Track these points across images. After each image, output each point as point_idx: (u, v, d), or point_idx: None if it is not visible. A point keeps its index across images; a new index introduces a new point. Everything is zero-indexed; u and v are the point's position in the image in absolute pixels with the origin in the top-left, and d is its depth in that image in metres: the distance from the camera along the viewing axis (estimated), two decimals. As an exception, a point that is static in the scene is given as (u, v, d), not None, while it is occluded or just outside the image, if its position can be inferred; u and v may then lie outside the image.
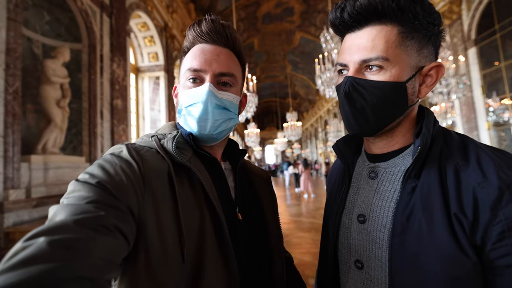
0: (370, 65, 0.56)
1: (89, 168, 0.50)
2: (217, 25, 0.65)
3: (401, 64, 0.55)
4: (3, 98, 2.98)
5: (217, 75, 0.64)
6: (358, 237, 0.63)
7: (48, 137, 3.67)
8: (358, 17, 0.57)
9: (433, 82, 0.59)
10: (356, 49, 0.57)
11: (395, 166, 0.61)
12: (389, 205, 0.58)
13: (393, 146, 0.63)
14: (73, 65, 4.19)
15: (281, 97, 26.07)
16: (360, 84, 0.57)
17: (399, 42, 0.55)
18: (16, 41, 3.18)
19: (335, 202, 0.72)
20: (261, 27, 13.08)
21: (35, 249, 0.33)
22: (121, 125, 5.11)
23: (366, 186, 0.65)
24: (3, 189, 2.94)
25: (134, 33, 6.72)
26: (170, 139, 0.59)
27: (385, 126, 0.59)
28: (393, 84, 0.55)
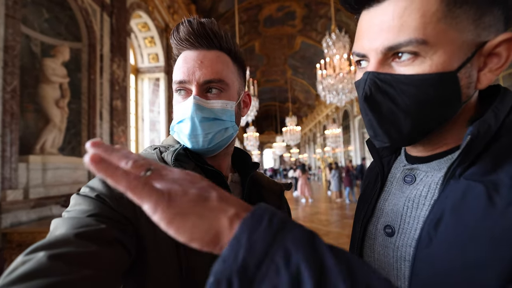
0: (400, 52, 0.40)
1: (91, 181, 0.51)
2: (196, 26, 0.58)
3: (448, 45, 0.38)
4: (0, 97, 2.91)
5: (202, 83, 0.58)
6: (384, 252, 0.50)
7: (47, 137, 3.60)
8: None
9: (502, 64, 0.40)
10: (378, 31, 0.41)
11: (440, 170, 0.45)
12: (419, 214, 0.45)
13: (439, 148, 0.47)
14: (73, 65, 4.13)
15: (281, 102, 26.13)
16: (386, 81, 0.41)
17: (443, 14, 0.37)
18: (14, 38, 3.12)
19: (362, 208, 0.59)
20: (262, 30, 13.12)
21: (35, 264, 0.33)
22: (120, 126, 5.04)
23: (397, 192, 0.52)
24: (0, 189, 2.86)
25: (135, 33, 6.69)
26: (171, 152, 0.57)
27: (426, 134, 0.44)
28: (436, 76, 0.38)
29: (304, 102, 24.79)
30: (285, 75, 19.58)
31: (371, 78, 0.43)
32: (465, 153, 0.39)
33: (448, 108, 0.41)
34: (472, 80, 0.41)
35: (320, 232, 5.65)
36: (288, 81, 20.37)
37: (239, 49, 0.66)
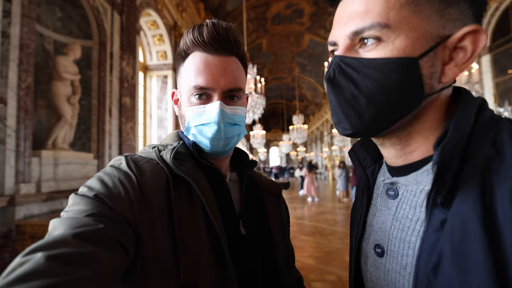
0: (365, 38, 0.40)
1: (89, 181, 0.50)
2: (220, 31, 0.59)
3: (410, 31, 0.38)
4: (16, 94, 3.01)
5: (226, 91, 0.60)
6: (376, 274, 0.48)
7: (58, 133, 3.70)
8: None
9: (468, 58, 0.39)
10: (346, 19, 0.41)
11: (418, 184, 0.44)
12: (409, 240, 0.42)
13: (411, 154, 0.45)
14: (84, 62, 4.22)
15: (288, 99, 26.01)
16: (350, 65, 0.41)
17: (406, 0, 0.38)
18: (29, 37, 3.21)
19: (354, 222, 0.56)
20: (270, 28, 13.08)
21: (32, 265, 0.33)
22: (129, 123, 5.13)
23: (383, 208, 0.49)
24: (14, 182, 2.96)
25: (144, 31, 6.77)
26: (169, 151, 0.57)
27: (389, 124, 0.42)
28: (396, 60, 0.38)
29: (311, 100, 24.64)
30: (293, 73, 19.50)
31: (337, 61, 0.43)
32: (437, 183, 0.37)
33: (409, 95, 0.40)
34: (436, 70, 0.39)
35: (326, 231, 5.66)
36: (296, 79, 20.28)
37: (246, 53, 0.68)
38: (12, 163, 2.94)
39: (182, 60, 0.63)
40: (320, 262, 3.91)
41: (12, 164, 2.94)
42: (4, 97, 2.89)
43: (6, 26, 2.95)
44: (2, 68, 2.89)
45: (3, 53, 2.91)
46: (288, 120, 25.85)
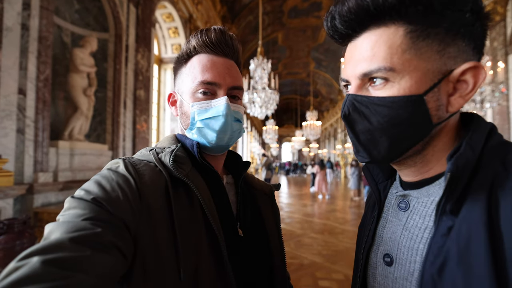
0: (374, 78, 0.45)
1: (86, 184, 0.49)
2: (226, 37, 0.65)
3: (414, 72, 0.42)
4: (34, 85, 3.10)
5: (230, 88, 0.64)
6: (384, 283, 0.51)
7: (75, 124, 3.80)
8: (351, 23, 0.46)
9: (471, 90, 0.43)
10: (356, 61, 0.47)
11: (429, 196, 0.47)
12: (417, 247, 0.46)
13: (427, 173, 0.49)
14: (100, 55, 4.29)
15: (302, 95, 25.74)
16: (362, 103, 0.46)
17: (407, 46, 0.42)
18: (48, 29, 3.28)
19: (364, 235, 0.60)
20: (286, 21, 12.87)
21: (28, 270, 0.32)
22: (143, 115, 5.21)
23: (394, 219, 0.53)
24: (33, 171, 3.08)
25: (159, 24, 6.80)
26: (168, 153, 0.57)
27: (403, 153, 0.47)
28: (403, 99, 0.42)
29: (326, 96, 24.26)
30: (308, 68, 19.20)
31: (350, 99, 0.48)
32: (449, 190, 0.40)
33: (419, 128, 0.44)
34: (441, 103, 0.43)
35: (335, 230, 5.60)
36: (311, 74, 19.98)
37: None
38: (31, 152, 3.05)
39: (184, 62, 0.66)
40: (328, 261, 3.87)
41: (31, 154, 3.05)
42: (24, 89, 2.98)
43: (25, 19, 3.03)
44: (21, 60, 2.97)
45: (23, 45, 2.99)
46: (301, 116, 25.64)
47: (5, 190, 2.61)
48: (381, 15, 0.43)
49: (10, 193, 2.69)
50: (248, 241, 0.63)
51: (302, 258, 4.02)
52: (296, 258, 4.00)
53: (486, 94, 5.30)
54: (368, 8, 0.43)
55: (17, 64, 2.93)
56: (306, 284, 3.20)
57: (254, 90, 6.21)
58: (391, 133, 0.45)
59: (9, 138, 2.81)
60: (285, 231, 5.50)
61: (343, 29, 0.48)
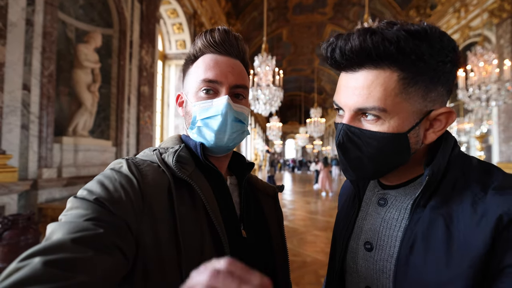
0: (367, 113, 0.52)
1: (89, 184, 0.50)
2: (231, 36, 0.65)
3: (401, 113, 0.50)
4: (39, 81, 3.10)
5: (233, 87, 0.63)
6: (365, 265, 0.60)
7: (79, 120, 3.81)
8: (351, 61, 0.50)
9: (442, 128, 0.53)
10: (351, 93, 0.52)
11: (406, 195, 0.58)
12: (396, 234, 0.56)
13: (403, 179, 0.60)
14: (104, 51, 4.28)
15: (306, 92, 25.57)
16: (355, 134, 0.53)
17: (399, 90, 0.48)
18: (52, 25, 3.27)
19: (343, 227, 0.68)
20: (291, 17, 12.75)
21: (29, 270, 0.32)
22: (146, 111, 5.21)
23: (374, 213, 0.63)
24: (37, 167, 3.09)
25: (163, 20, 6.77)
26: (171, 153, 0.58)
27: (385, 173, 0.58)
28: (391, 135, 0.50)
29: (330, 93, 24.10)
30: (312, 65, 19.05)
31: (344, 129, 0.54)
32: (425, 189, 0.51)
33: (400, 157, 0.54)
34: (419, 138, 0.53)
35: (338, 227, 5.57)
36: (315, 70, 19.83)
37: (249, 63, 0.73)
38: (35, 148, 3.06)
39: (191, 63, 0.67)
40: (332, 260, 3.86)
41: (35, 150, 3.06)
42: (28, 84, 2.98)
43: (30, 14, 3.02)
44: (26, 56, 2.97)
45: (27, 41, 2.99)
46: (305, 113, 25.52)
47: (9, 186, 2.62)
48: (379, 60, 0.48)
49: (15, 189, 2.70)
50: (251, 242, 0.63)
51: (305, 256, 4.01)
52: (299, 256, 4.00)
53: (492, 93, 5.19)
54: (370, 52, 0.47)
55: (22, 60, 2.93)
56: (309, 282, 3.20)
57: (258, 87, 6.16)
58: (377, 161, 0.54)
59: (13, 134, 2.82)
60: (288, 228, 5.50)
61: (341, 62, 0.52)
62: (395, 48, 0.46)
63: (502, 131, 6.70)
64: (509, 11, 6.56)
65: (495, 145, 7.09)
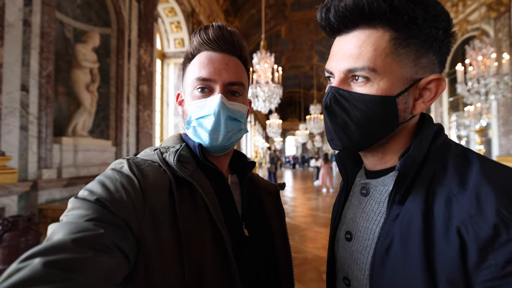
0: (356, 76, 0.50)
1: (90, 184, 0.49)
2: (225, 32, 0.64)
3: (391, 75, 0.48)
4: (37, 81, 3.09)
5: (227, 84, 0.62)
6: (344, 255, 0.60)
7: (78, 120, 3.80)
8: (344, 19, 0.50)
9: (432, 97, 0.51)
10: (342, 56, 0.51)
11: (384, 185, 0.56)
12: (373, 228, 0.55)
13: (385, 163, 0.57)
14: (102, 50, 4.27)
15: (306, 88, 25.51)
16: (344, 97, 0.52)
17: (390, 50, 0.48)
18: (50, 25, 3.26)
19: (332, 214, 0.70)
20: (289, 14, 12.69)
21: (29, 271, 0.32)
22: (146, 110, 5.20)
23: (356, 203, 0.62)
24: (37, 168, 3.09)
25: (162, 18, 6.74)
26: (172, 153, 0.57)
27: (371, 145, 0.54)
28: (380, 98, 0.49)
29: (330, 90, 23.99)
30: (311, 61, 18.99)
31: (333, 92, 0.53)
32: (397, 184, 0.48)
33: (387, 124, 0.51)
34: (408, 106, 0.51)
35: (339, 224, 5.59)
36: (314, 67, 19.77)
37: (249, 59, 0.72)
38: (34, 149, 3.06)
39: (188, 62, 0.66)
40: (333, 256, 3.87)
41: (34, 150, 3.06)
42: (27, 85, 2.98)
43: (27, 14, 3.00)
44: (24, 56, 2.96)
45: (25, 41, 2.98)
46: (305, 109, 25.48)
47: (9, 187, 2.62)
48: (372, 18, 0.47)
49: (14, 190, 2.71)
50: (253, 240, 0.63)
51: (306, 253, 4.02)
52: (301, 252, 4.01)
53: (490, 86, 5.19)
54: (363, 8, 0.47)
55: (20, 61, 2.92)
56: (310, 278, 3.21)
57: (257, 84, 6.15)
58: (364, 127, 0.51)
59: (12, 135, 2.81)
60: (290, 225, 5.51)
61: (335, 23, 0.51)
62: (388, 6, 0.45)
63: (502, 124, 6.71)
64: (507, 5, 6.54)
65: (495, 139, 7.10)
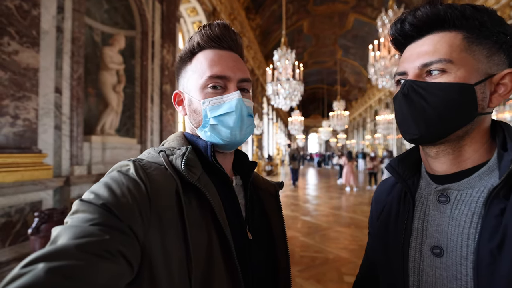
0: (432, 70, 0.52)
1: (95, 186, 0.48)
2: (230, 31, 0.64)
3: (468, 66, 0.50)
4: (69, 84, 3.31)
5: (240, 81, 0.63)
6: (434, 274, 0.53)
7: (106, 119, 4.02)
8: (420, 25, 0.54)
9: (508, 91, 0.53)
10: (416, 56, 0.54)
11: (472, 188, 0.53)
12: (468, 232, 0.50)
13: (463, 163, 0.54)
14: (127, 52, 4.46)
15: (329, 84, 24.96)
16: (421, 86, 0.53)
17: (464, 47, 0.51)
18: (79, 30, 3.46)
19: (395, 230, 0.61)
20: (311, 9, 12.43)
21: (32, 277, 0.32)
22: (169, 109, 5.37)
23: (436, 213, 0.56)
24: (69, 165, 3.32)
25: (184, 18, 6.89)
26: (179, 156, 0.56)
27: (449, 133, 0.52)
28: (459, 85, 0.50)
29: (354, 85, 23.32)
30: (335, 56, 18.51)
31: (409, 83, 0.54)
32: (507, 178, 0.46)
33: (466, 112, 0.51)
34: (486, 96, 0.52)
35: (362, 224, 5.45)
36: (338, 62, 19.26)
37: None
38: (67, 147, 3.28)
39: (188, 60, 0.65)
40: (355, 256, 3.78)
41: (67, 148, 3.29)
42: (60, 87, 3.19)
43: (60, 21, 3.21)
44: (57, 60, 3.18)
45: (58, 47, 3.19)
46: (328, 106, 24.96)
47: (45, 182, 2.84)
48: (446, 22, 0.52)
49: (50, 185, 2.93)
50: (256, 244, 0.63)
51: (327, 252, 3.97)
52: (321, 252, 3.96)
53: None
54: (439, 13, 0.52)
55: (53, 65, 3.13)
56: (330, 279, 3.16)
57: (278, 82, 6.11)
58: (443, 113, 0.51)
59: (48, 134, 3.04)
60: (311, 224, 5.46)
61: (410, 30, 0.56)
62: (460, 14, 0.51)
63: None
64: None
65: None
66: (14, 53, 2.61)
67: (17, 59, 2.63)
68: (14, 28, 2.61)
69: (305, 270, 3.33)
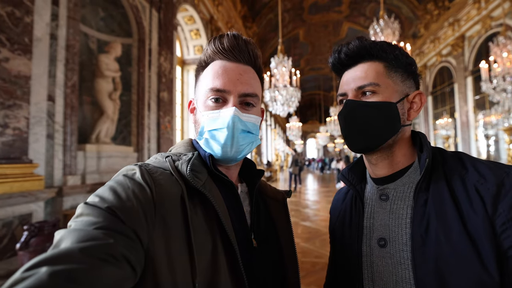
0: (365, 91, 0.66)
1: (100, 190, 0.48)
2: (240, 41, 0.64)
3: (390, 89, 0.65)
4: (63, 92, 3.24)
5: (241, 95, 0.61)
6: (382, 263, 0.63)
7: (101, 127, 3.94)
8: (352, 55, 0.68)
9: (419, 107, 0.68)
10: (352, 80, 0.68)
11: (404, 185, 0.66)
12: (405, 222, 0.61)
13: (396, 165, 0.68)
14: (124, 59, 4.41)
15: (325, 90, 25.11)
16: (359, 104, 0.66)
17: (386, 73, 0.66)
18: (74, 37, 3.41)
19: (350, 231, 0.72)
20: (307, 18, 12.58)
21: (35, 281, 0.31)
22: (166, 116, 5.30)
23: (380, 209, 0.68)
24: (62, 175, 3.22)
25: (181, 26, 6.90)
26: (185, 162, 0.56)
27: (384, 141, 0.65)
28: (386, 103, 0.64)
29: (351, 92, 23.44)
30: (331, 63, 18.71)
31: (350, 102, 0.67)
32: (426, 172, 0.60)
33: (393, 124, 0.65)
34: (405, 111, 0.67)
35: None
36: (334, 69, 19.42)
37: (263, 68, 0.72)
38: (60, 156, 3.19)
39: (202, 69, 0.66)
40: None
41: (60, 158, 3.19)
42: (53, 95, 3.12)
43: (54, 29, 3.16)
44: (50, 68, 3.11)
45: (52, 54, 3.13)
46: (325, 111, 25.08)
47: (36, 194, 2.74)
48: (371, 54, 0.67)
49: (41, 197, 2.82)
50: (262, 251, 0.62)
51: (327, 258, 3.86)
52: (322, 257, 3.88)
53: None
54: (366, 47, 0.67)
55: (46, 72, 3.06)
56: None
57: (275, 88, 6.10)
58: (377, 125, 0.65)
59: (39, 143, 2.95)
60: (311, 229, 5.38)
61: (345, 59, 0.70)
62: (381, 48, 0.66)
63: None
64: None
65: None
66: (4, 60, 2.54)
67: (7, 67, 2.57)
68: (5, 35, 2.55)
69: (306, 276, 3.27)
